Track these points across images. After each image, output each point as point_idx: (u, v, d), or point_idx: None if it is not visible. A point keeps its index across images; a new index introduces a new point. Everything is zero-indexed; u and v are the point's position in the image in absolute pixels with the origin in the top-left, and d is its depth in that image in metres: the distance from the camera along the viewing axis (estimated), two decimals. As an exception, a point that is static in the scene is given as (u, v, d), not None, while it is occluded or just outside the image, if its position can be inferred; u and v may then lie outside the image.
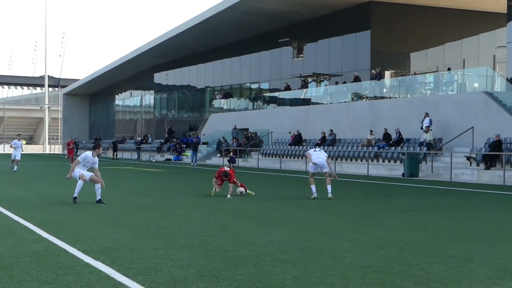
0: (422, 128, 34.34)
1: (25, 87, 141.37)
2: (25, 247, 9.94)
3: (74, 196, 16.97)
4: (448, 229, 12.51)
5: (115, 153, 62.48)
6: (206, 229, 12.12)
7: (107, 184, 25.91)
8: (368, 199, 19.86)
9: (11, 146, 35.41)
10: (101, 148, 17.87)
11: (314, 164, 19.34)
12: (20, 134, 39.16)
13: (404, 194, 22.17)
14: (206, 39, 59.84)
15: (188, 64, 68.94)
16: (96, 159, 17.15)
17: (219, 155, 49.96)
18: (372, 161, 36.07)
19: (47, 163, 51.14)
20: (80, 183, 16.83)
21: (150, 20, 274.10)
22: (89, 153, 17.13)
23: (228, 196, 18.64)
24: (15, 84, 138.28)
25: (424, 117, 34.36)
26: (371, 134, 37.90)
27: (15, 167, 34.30)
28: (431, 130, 33.62)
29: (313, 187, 19.18)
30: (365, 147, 37.34)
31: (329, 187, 19.15)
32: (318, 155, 19.55)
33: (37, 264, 8.64)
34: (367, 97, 42.90)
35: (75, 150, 56.94)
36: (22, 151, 36.07)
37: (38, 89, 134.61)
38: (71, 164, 44.57)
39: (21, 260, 8.91)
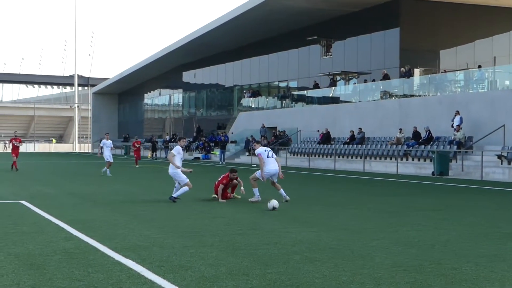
0: (452, 126, 34.02)
1: (55, 86, 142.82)
2: (56, 245, 10.02)
3: (174, 196, 17.14)
4: (479, 228, 12.38)
5: (153, 153, 61.27)
6: (235, 227, 12.12)
7: (136, 182, 26.10)
8: (397, 198, 19.72)
9: (100, 147, 31.52)
10: (184, 140, 18.48)
11: (267, 174, 17.00)
12: (108, 133, 35.52)
13: (434, 193, 21.98)
14: (234, 37, 59.92)
15: (216, 62, 69.06)
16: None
17: (247, 153, 49.97)
18: (402, 159, 35.83)
19: (77, 162, 51.56)
20: (185, 189, 17.06)
21: (178, 19, 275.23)
22: (178, 147, 17.52)
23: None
24: (45, 84, 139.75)
25: (455, 115, 34.03)
26: (400, 132, 37.66)
27: (108, 171, 30.12)
28: (461, 128, 33.31)
29: (256, 190, 17.19)
30: (394, 146, 37.12)
31: (283, 191, 17.20)
32: (273, 163, 17.14)
33: (68, 261, 8.70)
34: (396, 95, 42.65)
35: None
36: (113, 150, 32.76)
37: (68, 88, 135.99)
38: (136, 166, 40.35)
39: (52, 257, 8.98)
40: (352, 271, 8.12)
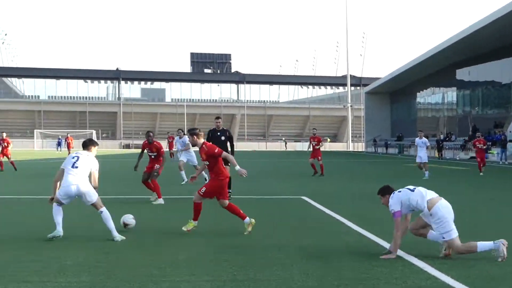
0: None
1: (328, 87, 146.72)
2: (338, 239, 10.42)
3: None
4: None
5: (439, 153, 60.06)
6: None
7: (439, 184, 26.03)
8: None
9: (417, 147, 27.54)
10: None
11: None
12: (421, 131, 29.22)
13: None
14: (509, 32, 57.23)
15: (492, 58, 66.44)
16: None
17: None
18: None
19: (350, 160, 52.56)
20: None
21: (450, 16, 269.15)
22: None
23: None
24: (319, 84, 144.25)
25: None
26: None
27: (426, 173, 26.82)
28: None
29: None
30: None
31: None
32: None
33: (351, 255, 9.01)
34: None
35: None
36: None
37: (341, 88, 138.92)
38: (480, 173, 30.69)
39: (336, 250, 9.35)
40: None
